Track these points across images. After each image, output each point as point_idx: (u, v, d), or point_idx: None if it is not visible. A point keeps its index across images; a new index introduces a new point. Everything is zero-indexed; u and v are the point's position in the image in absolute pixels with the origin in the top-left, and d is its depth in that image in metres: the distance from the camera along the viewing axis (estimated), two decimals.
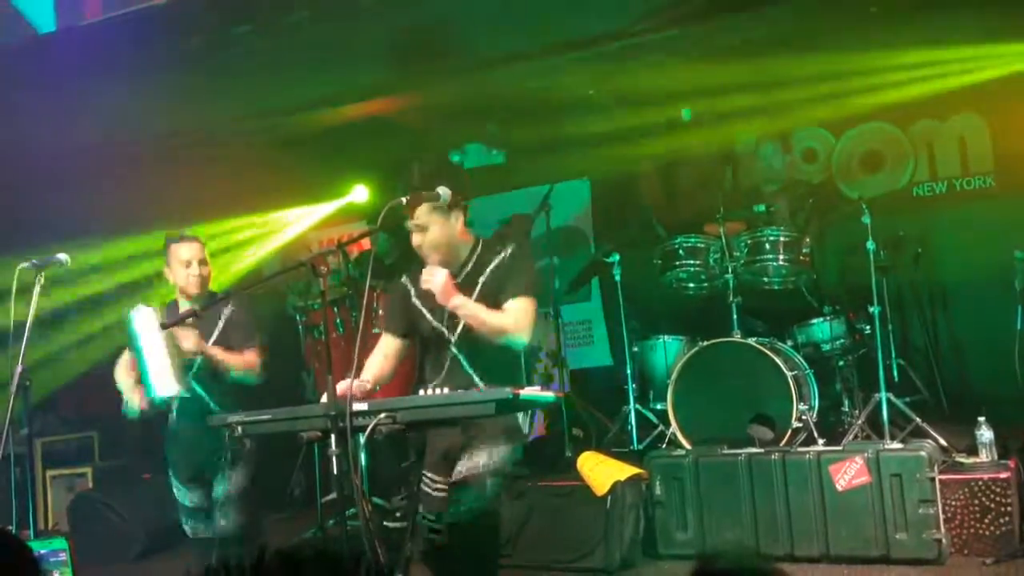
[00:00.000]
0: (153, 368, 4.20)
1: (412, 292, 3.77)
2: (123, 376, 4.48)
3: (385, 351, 3.80)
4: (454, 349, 3.63)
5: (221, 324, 4.47)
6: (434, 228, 3.60)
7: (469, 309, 3.53)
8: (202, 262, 4.51)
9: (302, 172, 7.41)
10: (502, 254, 3.66)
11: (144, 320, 4.24)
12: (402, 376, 4.07)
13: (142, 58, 5.65)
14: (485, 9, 5.15)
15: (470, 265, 3.68)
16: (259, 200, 7.56)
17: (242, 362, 4.44)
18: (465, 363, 3.61)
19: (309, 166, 7.31)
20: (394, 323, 3.82)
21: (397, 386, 5.10)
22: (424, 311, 3.70)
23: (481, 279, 3.63)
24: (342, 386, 3.33)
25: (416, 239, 3.64)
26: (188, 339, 4.25)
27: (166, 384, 4.19)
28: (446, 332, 3.64)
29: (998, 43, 5.93)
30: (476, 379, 3.60)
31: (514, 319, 3.55)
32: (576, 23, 4.88)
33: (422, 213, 3.58)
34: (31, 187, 6.44)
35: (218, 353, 4.35)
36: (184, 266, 4.48)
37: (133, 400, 4.41)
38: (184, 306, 4.52)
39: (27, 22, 5.64)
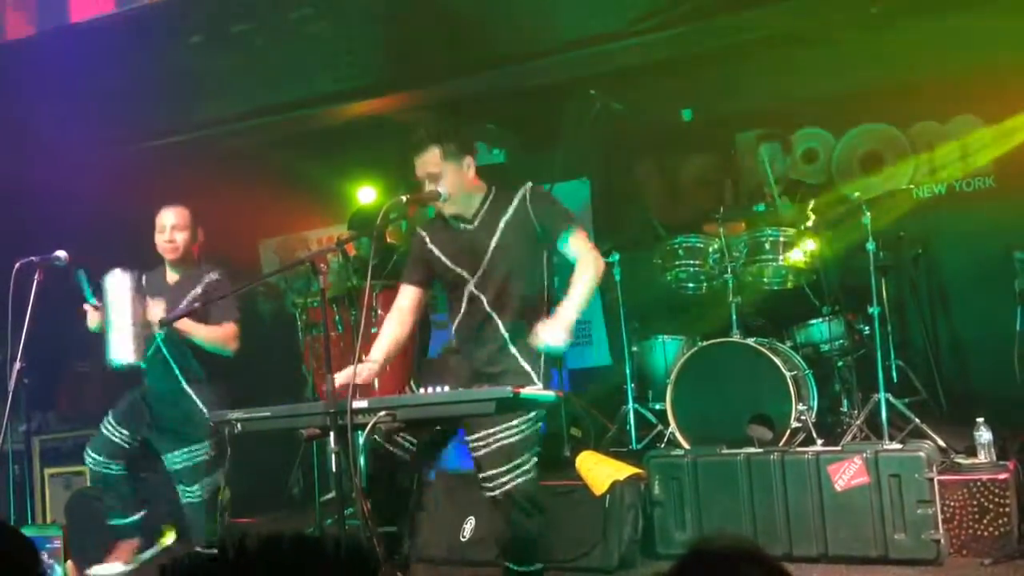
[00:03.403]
0: (116, 333, 4.23)
1: (427, 239, 3.81)
2: (92, 318, 4.51)
3: (401, 304, 3.83)
4: (472, 288, 3.68)
5: (199, 289, 4.50)
6: (447, 176, 3.62)
7: (574, 305, 3.54)
8: (178, 228, 4.54)
9: (302, 171, 7.41)
10: (520, 192, 3.71)
11: (117, 285, 4.26)
12: (398, 372, 4.08)
13: (142, 56, 5.65)
14: (485, 8, 5.15)
15: (484, 210, 3.72)
16: (260, 199, 7.56)
17: (216, 334, 4.46)
18: (484, 302, 3.67)
19: (309, 165, 7.31)
20: (413, 272, 3.86)
21: (393, 383, 5.10)
22: (441, 256, 3.74)
23: (503, 221, 3.68)
24: (347, 374, 3.34)
25: (431, 188, 3.66)
26: (156, 310, 4.27)
27: (125, 351, 4.22)
28: (462, 273, 3.71)
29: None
30: (494, 316, 3.66)
31: (590, 260, 3.67)
32: (576, 23, 4.88)
33: (434, 163, 3.62)
34: (31, 186, 6.43)
35: (185, 325, 4.36)
36: (159, 232, 4.52)
37: (92, 318, 4.42)
38: (169, 272, 4.57)
39: None
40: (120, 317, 4.23)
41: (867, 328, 5.38)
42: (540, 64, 5.19)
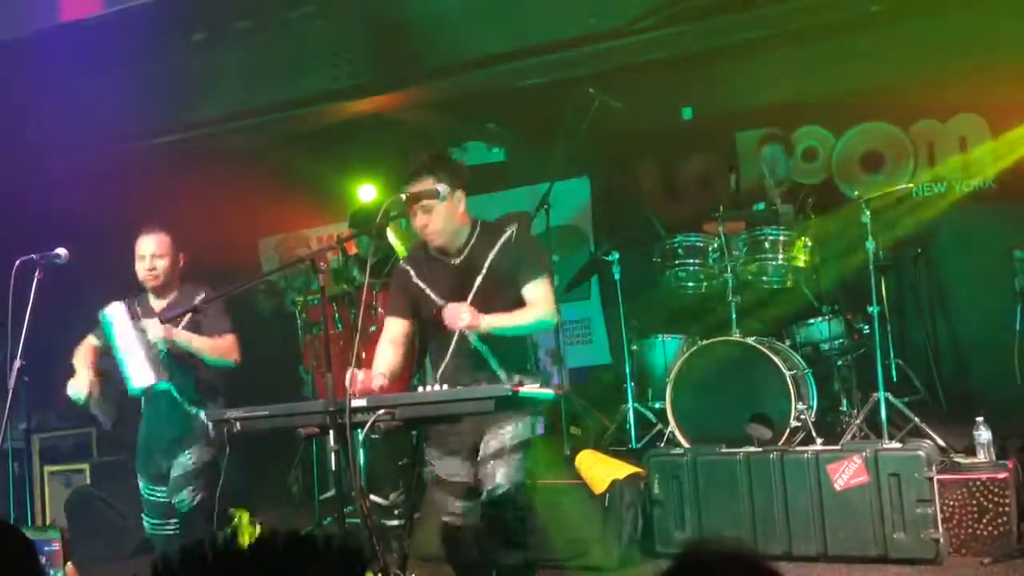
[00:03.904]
0: (130, 361, 4.19)
1: (412, 274, 3.80)
2: (80, 361, 4.47)
3: (391, 337, 3.81)
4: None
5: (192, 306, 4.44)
6: (438, 211, 3.63)
7: (501, 322, 3.58)
8: (158, 256, 4.45)
9: (302, 169, 7.41)
10: (507, 234, 3.71)
11: (116, 315, 4.23)
12: (400, 374, 4.08)
13: (142, 54, 5.64)
14: (486, 7, 5.15)
15: (469, 247, 3.73)
16: (260, 197, 7.56)
17: (217, 346, 4.41)
18: (472, 337, 3.64)
19: (309, 163, 7.31)
20: (397, 306, 3.83)
21: (395, 382, 5.09)
22: (427, 291, 3.73)
23: (487, 261, 3.68)
24: (357, 376, 3.34)
25: (420, 221, 3.67)
26: (153, 327, 4.23)
27: (145, 376, 4.19)
28: None
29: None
30: (485, 351, 3.64)
31: (541, 305, 3.64)
32: (576, 21, 4.88)
33: (427, 194, 3.62)
34: (31, 184, 6.43)
35: (185, 336, 4.31)
36: (139, 259, 4.46)
37: (80, 384, 4.36)
38: (152, 299, 4.51)
39: None
40: (130, 345, 4.21)
41: (867, 327, 5.38)
42: (540, 62, 5.19)
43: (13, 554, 1.57)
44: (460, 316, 3.49)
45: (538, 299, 3.65)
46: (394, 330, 3.82)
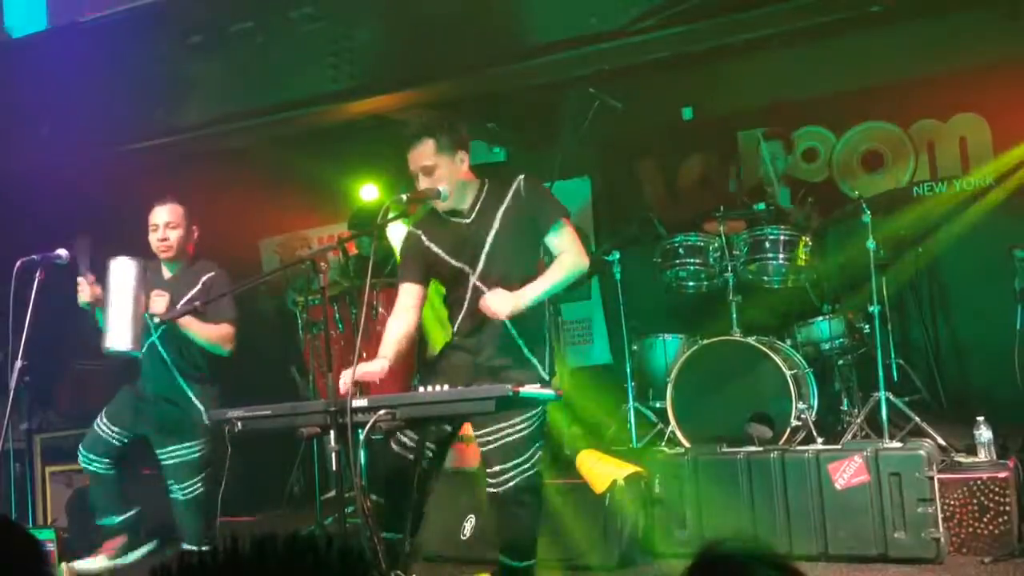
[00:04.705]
0: (114, 320, 4.19)
1: (423, 237, 3.80)
2: (81, 289, 4.50)
3: (405, 303, 3.82)
4: (477, 282, 3.66)
5: (198, 287, 4.46)
6: (441, 169, 3.63)
7: (541, 290, 3.60)
8: (171, 225, 4.48)
9: (303, 170, 7.40)
10: (514, 186, 3.72)
11: (122, 271, 4.22)
12: (399, 371, 4.08)
13: (141, 55, 5.64)
14: (486, 8, 5.15)
15: (480, 202, 3.73)
16: (260, 198, 7.57)
17: (214, 333, 4.43)
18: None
19: (310, 163, 7.31)
20: (411, 271, 3.84)
21: (395, 384, 5.09)
22: (439, 252, 3.75)
23: (499, 212, 3.68)
24: (346, 379, 3.35)
25: (424, 182, 3.67)
26: (159, 302, 4.24)
27: (122, 340, 4.19)
28: (464, 268, 3.71)
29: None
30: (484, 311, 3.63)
31: (572, 253, 3.66)
32: (576, 21, 4.87)
33: (428, 156, 3.63)
34: (32, 185, 6.43)
35: (186, 321, 4.33)
36: (152, 230, 4.48)
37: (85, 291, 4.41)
38: (164, 269, 4.54)
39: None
40: (122, 304, 4.19)
41: (867, 327, 5.39)
42: (540, 62, 5.18)
43: (23, 555, 1.57)
44: (502, 306, 3.49)
45: (565, 246, 3.66)
46: (405, 297, 3.82)
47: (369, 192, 7.31)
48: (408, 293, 3.83)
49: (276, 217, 8.17)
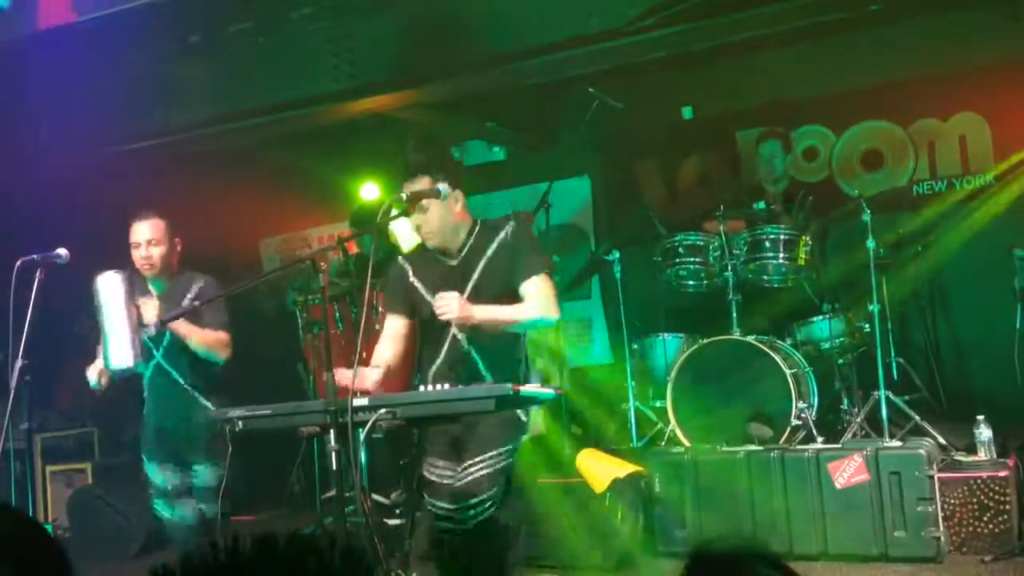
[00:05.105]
0: (113, 338, 4.12)
1: (409, 272, 3.79)
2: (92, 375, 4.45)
3: (391, 333, 3.81)
4: (454, 329, 3.63)
5: (190, 296, 4.40)
6: (433, 209, 3.63)
7: (495, 315, 3.55)
8: (153, 243, 4.37)
9: (303, 169, 7.41)
10: (503, 232, 3.69)
11: (109, 285, 4.14)
12: (400, 373, 4.08)
13: (141, 55, 5.64)
14: (486, 7, 5.15)
15: (468, 247, 3.70)
16: (260, 198, 7.57)
17: (209, 338, 4.36)
18: (464, 342, 3.62)
19: (310, 163, 7.32)
20: (396, 303, 3.83)
21: (395, 384, 5.09)
22: (421, 291, 3.72)
23: (482, 261, 3.66)
24: (346, 375, 3.34)
25: (416, 220, 3.66)
26: (149, 309, 4.18)
27: (124, 356, 4.12)
28: None
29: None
30: (475, 357, 3.63)
31: (540, 303, 3.60)
32: (576, 20, 4.88)
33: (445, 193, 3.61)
34: (32, 185, 6.43)
35: (182, 328, 4.27)
36: (134, 247, 4.40)
37: (92, 372, 4.36)
38: (150, 285, 4.45)
39: None
40: (116, 321, 4.11)
41: (867, 326, 5.39)
42: (540, 62, 5.18)
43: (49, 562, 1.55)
44: (449, 305, 3.47)
45: (536, 296, 3.60)
46: (393, 326, 3.81)
47: (369, 191, 7.31)
48: (393, 324, 3.81)
49: (276, 217, 8.18)
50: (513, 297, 3.66)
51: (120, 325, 4.10)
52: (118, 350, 4.12)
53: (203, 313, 4.30)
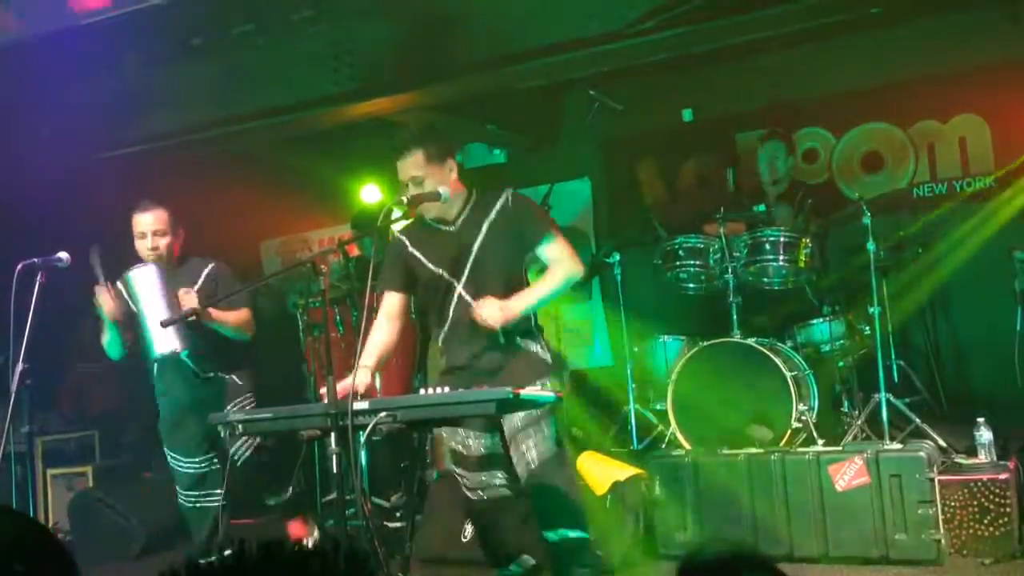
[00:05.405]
0: (154, 326, 4.20)
1: (407, 243, 3.82)
2: (105, 300, 4.47)
3: (388, 311, 3.84)
4: (462, 291, 3.66)
5: (200, 281, 4.46)
6: (430, 180, 3.66)
7: (533, 298, 3.62)
8: (160, 233, 4.46)
9: (303, 172, 7.41)
10: (502, 198, 3.74)
11: (145, 278, 4.25)
12: (400, 371, 4.09)
13: (142, 57, 5.65)
14: (486, 9, 5.15)
15: (467, 211, 3.75)
16: (261, 200, 7.57)
17: (240, 318, 4.46)
18: (470, 300, 3.65)
19: (311, 166, 7.32)
20: (392, 278, 3.86)
21: (396, 383, 5.09)
22: (422, 259, 3.75)
23: (484, 226, 3.69)
24: (346, 383, 3.34)
25: (413, 192, 3.68)
26: (190, 298, 4.25)
27: (168, 342, 4.21)
28: (445, 275, 3.71)
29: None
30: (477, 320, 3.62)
31: (565, 263, 3.68)
32: (576, 22, 4.88)
33: (418, 166, 3.65)
34: (33, 187, 6.44)
35: (215, 313, 4.35)
36: (140, 238, 4.47)
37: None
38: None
39: None
40: (156, 310, 4.23)
41: (867, 328, 5.39)
42: (540, 64, 5.19)
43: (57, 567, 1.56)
44: (495, 315, 3.49)
45: (558, 257, 3.67)
46: (390, 304, 3.84)
47: (370, 193, 7.32)
48: (390, 301, 3.85)
49: (277, 219, 8.18)
50: (518, 260, 3.74)
51: (160, 314, 4.18)
52: (163, 337, 4.20)
53: (219, 294, 4.42)
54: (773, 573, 1.40)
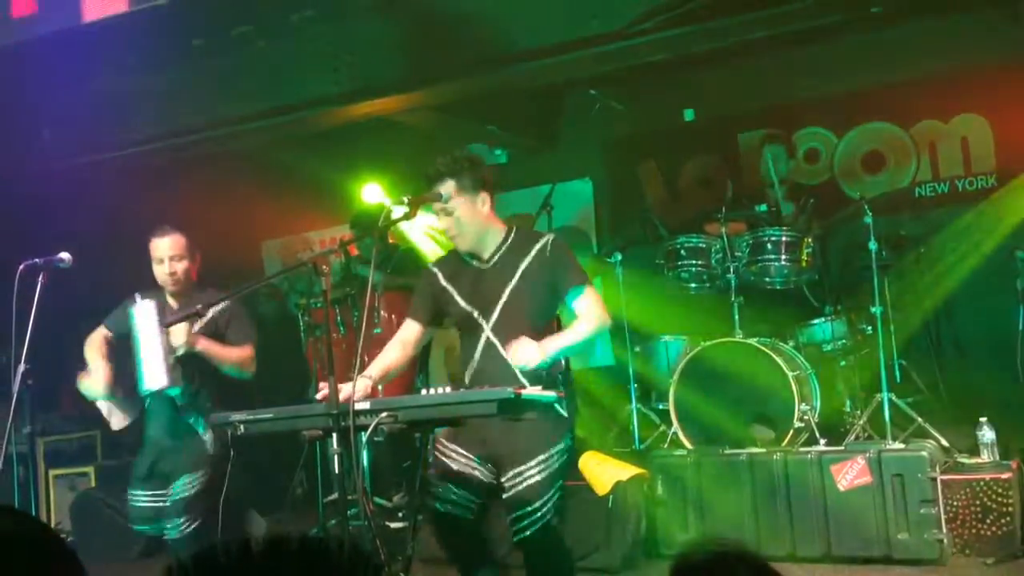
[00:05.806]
0: (148, 362, 4.20)
1: (440, 276, 3.73)
2: (94, 353, 4.49)
3: (403, 337, 3.76)
4: (489, 333, 3.59)
5: (209, 315, 4.43)
6: (460, 210, 3.57)
7: (565, 342, 3.52)
8: (177, 258, 4.45)
9: (305, 172, 7.42)
10: (542, 243, 3.62)
11: (144, 313, 4.24)
12: (401, 381, 4.07)
13: (144, 59, 5.65)
14: (487, 10, 5.15)
15: (504, 249, 3.64)
16: (263, 200, 7.58)
17: (237, 357, 4.41)
18: (499, 345, 3.56)
19: (312, 166, 7.33)
20: (420, 309, 3.76)
21: (397, 383, 5.08)
22: (454, 294, 3.67)
23: (522, 265, 3.59)
24: (348, 388, 3.33)
25: (443, 223, 3.62)
26: (177, 333, 4.23)
27: (159, 379, 4.19)
28: (475, 314, 3.61)
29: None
30: (512, 362, 3.51)
31: (596, 314, 3.60)
32: (577, 23, 4.88)
33: (447, 196, 3.57)
34: (36, 188, 6.45)
35: (210, 347, 4.32)
36: (158, 263, 4.46)
37: (98, 379, 4.37)
38: (170, 300, 4.51)
39: None
40: (151, 345, 4.21)
41: (869, 327, 5.38)
42: (541, 64, 5.19)
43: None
44: (531, 355, 3.38)
45: (589, 308, 3.58)
46: (406, 331, 3.76)
47: (371, 193, 7.31)
48: (410, 329, 3.75)
49: (278, 219, 8.19)
50: (549, 307, 3.65)
51: (155, 349, 4.18)
52: (154, 374, 4.19)
53: (228, 330, 4.39)
54: (766, 572, 1.40)
